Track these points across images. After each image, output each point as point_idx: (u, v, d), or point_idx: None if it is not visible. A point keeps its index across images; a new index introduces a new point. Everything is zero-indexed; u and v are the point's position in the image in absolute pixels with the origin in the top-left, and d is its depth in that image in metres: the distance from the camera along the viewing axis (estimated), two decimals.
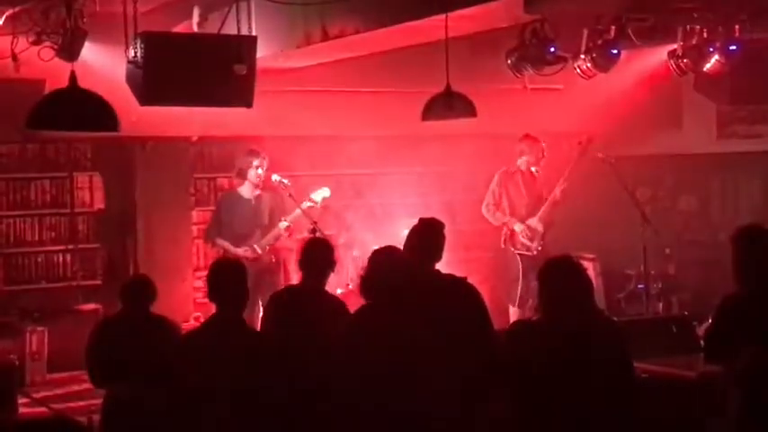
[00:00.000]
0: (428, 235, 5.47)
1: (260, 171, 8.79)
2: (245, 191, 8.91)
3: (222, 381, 5.01)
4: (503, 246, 9.61)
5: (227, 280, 5.24)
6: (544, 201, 9.54)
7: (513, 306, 9.47)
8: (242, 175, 8.87)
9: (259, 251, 8.73)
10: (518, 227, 9.50)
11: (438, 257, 5.45)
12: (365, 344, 5.09)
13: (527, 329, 5.26)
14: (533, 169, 9.65)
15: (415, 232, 5.51)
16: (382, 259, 5.43)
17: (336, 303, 6.10)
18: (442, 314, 5.13)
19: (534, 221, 9.51)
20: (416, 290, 5.19)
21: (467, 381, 5.06)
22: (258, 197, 8.90)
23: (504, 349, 5.15)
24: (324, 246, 6.38)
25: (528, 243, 9.46)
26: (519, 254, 9.47)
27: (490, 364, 5.18)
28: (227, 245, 8.81)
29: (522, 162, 9.62)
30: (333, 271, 6.23)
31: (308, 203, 8.87)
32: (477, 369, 5.12)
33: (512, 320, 9.32)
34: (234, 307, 5.21)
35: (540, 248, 9.38)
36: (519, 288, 9.42)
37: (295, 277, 7.13)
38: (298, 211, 8.74)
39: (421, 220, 5.62)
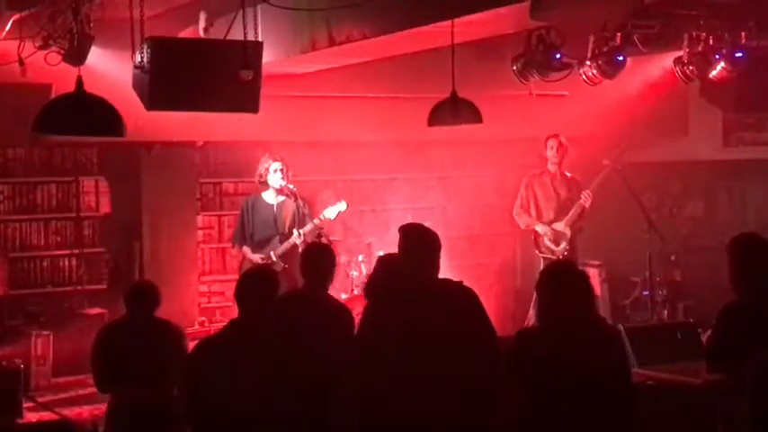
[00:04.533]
0: (419, 240, 5.43)
1: (279, 175, 8.81)
2: (269, 196, 8.96)
3: (236, 385, 5.02)
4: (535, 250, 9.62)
5: (252, 288, 5.28)
6: (574, 205, 9.54)
7: (533, 310, 9.41)
8: (263, 181, 8.91)
9: (273, 258, 8.76)
10: (541, 228, 9.49)
11: (432, 264, 5.41)
12: (369, 347, 5.12)
13: (527, 336, 5.26)
14: (567, 173, 9.64)
15: (405, 239, 5.47)
16: (389, 263, 5.45)
17: (339, 308, 6.09)
18: (440, 318, 5.12)
19: (561, 225, 9.49)
20: (409, 295, 5.20)
21: (470, 383, 5.06)
22: (281, 204, 8.92)
23: (508, 356, 5.15)
24: (325, 251, 6.38)
25: (552, 246, 9.43)
26: (543, 257, 9.45)
27: (494, 366, 5.17)
28: (247, 251, 8.87)
29: (548, 164, 9.62)
30: (334, 276, 6.22)
31: (324, 217, 8.89)
32: (480, 371, 5.11)
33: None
34: (253, 314, 5.23)
35: (566, 253, 9.35)
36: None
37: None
38: (311, 224, 8.76)
39: (411, 226, 5.58)
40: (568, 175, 9.67)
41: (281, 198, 8.92)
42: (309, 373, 5.25)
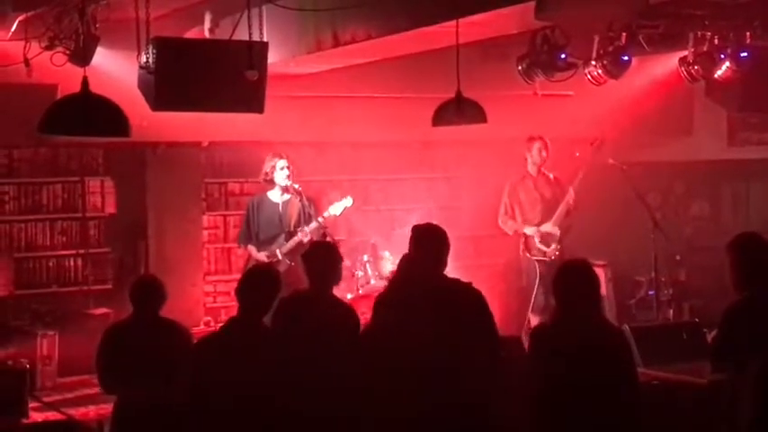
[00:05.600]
0: (432, 240, 5.46)
1: (285, 173, 8.82)
2: (274, 195, 8.98)
3: (237, 383, 5.03)
4: (521, 253, 9.57)
5: (254, 286, 5.30)
6: (559, 205, 9.52)
7: (532, 313, 9.39)
8: (269, 180, 8.92)
9: (279, 256, 8.76)
10: (530, 230, 9.46)
11: (443, 262, 5.44)
12: (371, 349, 5.14)
13: (543, 334, 5.27)
14: (550, 175, 9.62)
15: (417, 238, 5.50)
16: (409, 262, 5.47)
17: (343, 307, 6.08)
18: (445, 317, 5.14)
19: (549, 226, 9.47)
20: (419, 293, 5.22)
21: (470, 383, 5.08)
22: (287, 202, 8.93)
23: (527, 353, 5.19)
24: (329, 250, 6.37)
25: (543, 248, 9.40)
26: (536, 260, 9.43)
27: (492, 367, 5.20)
28: (252, 249, 8.89)
29: (530, 166, 9.61)
30: (339, 275, 6.20)
31: (330, 214, 8.90)
32: (480, 371, 5.14)
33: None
34: (253, 312, 5.25)
35: (557, 253, 9.33)
36: (534, 295, 9.34)
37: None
38: (318, 221, 8.77)
39: (424, 226, 5.62)
40: (550, 175, 9.64)
41: (287, 197, 8.94)
42: (312, 371, 5.27)
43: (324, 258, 6.16)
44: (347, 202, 9.03)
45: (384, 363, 5.10)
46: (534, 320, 9.29)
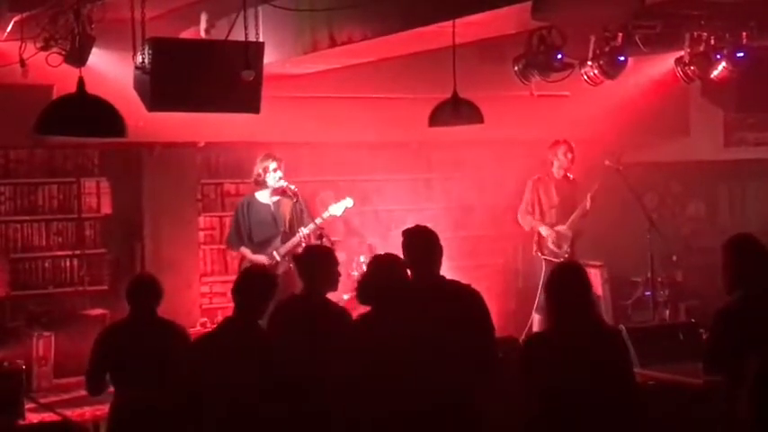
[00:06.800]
0: (424, 242, 5.46)
1: (279, 174, 8.77)
2: (264, 196, 8.90)
3: (231, 383, 5.02)
4: (534, 253, 9.63)
5: (251, 287, 5.30)
6: (576, 208, 9.56)
7: (536, 312, 9.42)
8: (260, 181, 8.86)
9: (278, 258, 8.72)
10: (544, 230, 9.51)
11: (437, 264, 5.44)
12: (366, 349, 5.13)
13: (539, 340, 5.28)
14: (569, 175, 9.66)
15: (409, 241, 5.50)
16: (380, 265, 5.47)
17: (338, 310, 6.08)
18: (443, 318, 5.14)
19: (563, 228, 9.52)
20: (418, 294, 5.22)
21: (463, 384, 5.08)
22: (277, 203, 8.88)
23: (520, 358, 5.19)
24: (321, 253, 6.35)
25: (555, 249, 9.45)
26: (545, 259, 9.46)
27: (488, 370, 5.20)
28: (246, 251, 8.83)
29: (555, 168, 9.64)
30: (333, 279, 6.19)
31: (330, 214, 8.87)
32: (474, 373, 5.14)
33: (535, 327, 9.32)
34: (248, 312, 5.25)
35: (567, 255, 9.37)
36: (539, 294, 9.35)
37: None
38: (318, 221, 8.72)
39: (416, 228, 5.62)
40: (570, 176, 9.68)
41: (276, 197, 8.88)
42: (305, 373, 5.27)
43: (316, 262, 6.15)
44: (348, 202, 8.98)
45: (379, 363, 5.09)
46: (537, 319, 9.34)
